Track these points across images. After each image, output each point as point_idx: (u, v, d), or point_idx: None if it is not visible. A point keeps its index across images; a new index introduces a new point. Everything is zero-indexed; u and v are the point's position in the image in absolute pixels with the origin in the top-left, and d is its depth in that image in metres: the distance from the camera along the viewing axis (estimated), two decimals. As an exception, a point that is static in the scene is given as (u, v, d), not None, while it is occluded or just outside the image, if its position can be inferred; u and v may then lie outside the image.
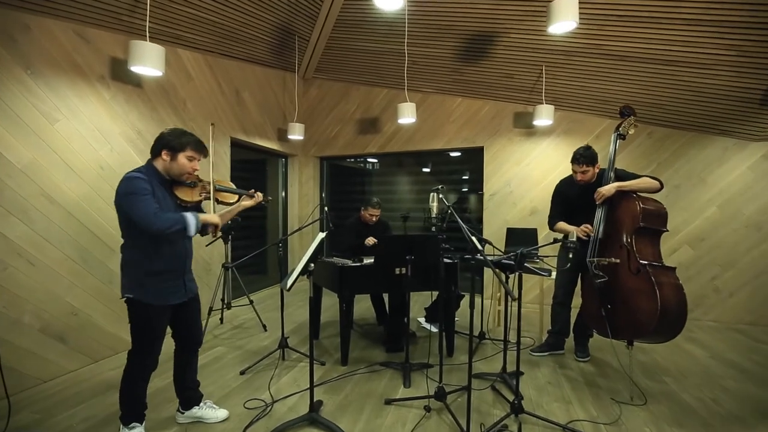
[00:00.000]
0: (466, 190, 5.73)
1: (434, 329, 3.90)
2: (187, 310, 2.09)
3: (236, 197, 2.20)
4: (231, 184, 2.25)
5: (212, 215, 2.01)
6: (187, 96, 4.00)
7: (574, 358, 3.20)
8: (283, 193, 6.20)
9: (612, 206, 2.77)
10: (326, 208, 3.26)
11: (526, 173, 4.97)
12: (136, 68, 2.88)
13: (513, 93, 4.87)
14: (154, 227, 1.76)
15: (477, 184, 5.49)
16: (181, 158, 1.92)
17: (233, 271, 4.06)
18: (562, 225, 3.07)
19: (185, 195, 1.98)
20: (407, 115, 4.29)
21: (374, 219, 3.83)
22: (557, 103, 4.63)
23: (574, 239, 2.38)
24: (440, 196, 2.46)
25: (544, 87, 4.45)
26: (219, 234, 2.15)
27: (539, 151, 4.92)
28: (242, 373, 2.91)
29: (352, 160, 6.47)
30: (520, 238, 3.91)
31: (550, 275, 2.97)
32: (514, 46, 4.20)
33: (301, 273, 2.04)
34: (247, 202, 2.21)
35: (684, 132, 4.39)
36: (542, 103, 4.44)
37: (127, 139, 3.35)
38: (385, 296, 3.98)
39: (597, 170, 2.96)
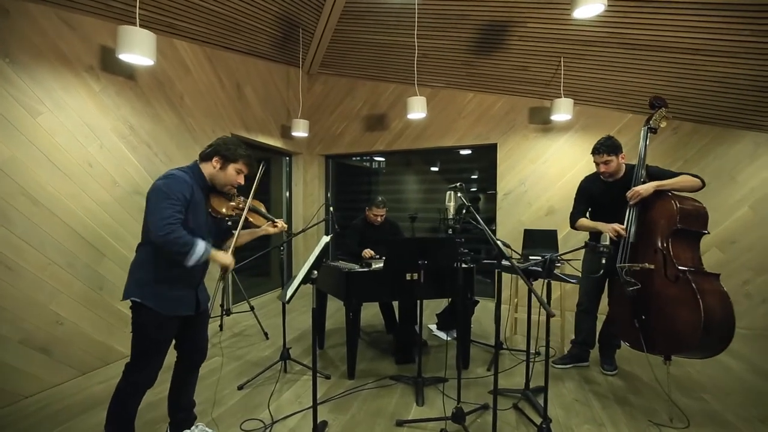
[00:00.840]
0: (474, 189, 5.48)
1: (447, 337, 3.66)
2: (196, 322, 1.94)
3: (263, 222, 2.08)
4: (263, 205, 2.13)
5: (226, 256, 1.80)
6: (184, 90, 3.79)
7: (600, 371, 2.94)
8: (287, 193, 5.98)
9: (644, 206, 2.51)
10: (331, 209, 3.03)
11: (542, 171, 4.70)
12: (124, 56, 2.66)
13: (529, 87, 4.61)
14: (159, 231, 1.61)
15: (487, 183, 5.24)
16: (231, 169, 1.85)
17: (233, 275, 3.84)
18: (584, 221, 2.82)
19: (219, 205, 1.88)
20: (417, 110, 4.05)
21: (379, 219, 3.60)
22: (576, 97, 4.37)
23: (607, 243, 2.13)
24: (459, 194, 2.21)
25: (562, 80, 4.19)
26: (224, 278, 2.00)
27: (556, 148, 4.65)
28: (240, 387, 2.68)
29: (358, 158, 6.24)
30: (539, 240, 3.66)
31: (578, 282, 2.72)
32: (531, 37, 3.94)
33: (303, 282, 1.81)
34: (270, 229, 2.10)
35: (712, 127, 4.10)
36: (560, 97, 4.18)
37: (118, 135, 3.13)
38: (395, 303, 3.74)
39: (622, 161, 2.71)
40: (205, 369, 2.98)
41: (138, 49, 2.61)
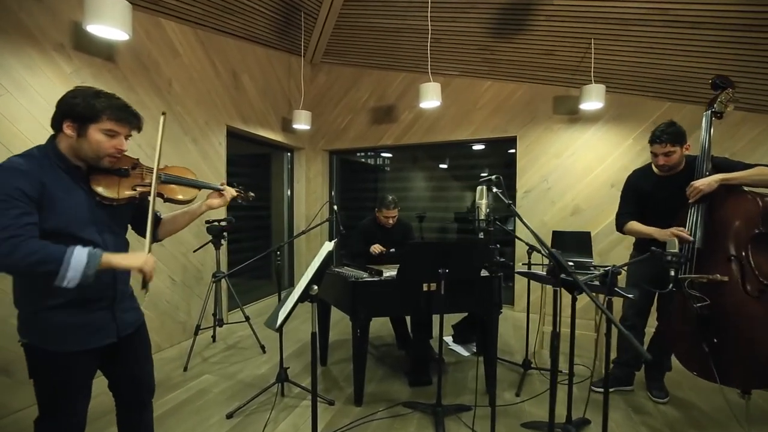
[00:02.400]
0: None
1: (465, 352, 3.25)
2: (126, 350, 1.43)
3: (195, 193, 1.54)
4: (190, 172, 1.57)
5: (130, 256, 1.28)
6: (173, 75, 3.41)
7: (648, 397, 2.53)
8: (289, 192, 5.60)
9: (712, 205, 2.09)
10: (335, 208, 2.64)
11: (568, 167, 4.28)
12: (93, 27, 2.29)
13: (553, 73, 4.19)
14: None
15: (505, 179, 4.84)
16: (95, 133, 1.24)
17: (225, 280, 3.46)
18: (636, 226, 2.39)
19: (108, 189, 1.31)
20: (431, 98, 3.64)
21: (391, 221, 3.20)
22: (606, 83, 3.93)
23: (676, 250, 1.72)
24: (496, 190, 1.81)
25: (593, 64, 3.76)
26: (147, 287, 1.35)
27: (583, 141, 4.22)
28: (229, 416, 2.29)
29: (362, 154, 5.83)
30: (570, 244, 3.24)
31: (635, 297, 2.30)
32: (558, 16, 3.52)
33: (300, 301, 1.41)
34: (214, 201, 1.60)
35: (764, 116, 3.66)
36: (590, 83, 3.75)
37: (94, 124, 2.75)
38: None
39: (686, 152, 2.29)
40: (193, 390, 2.62)
41: (110, 20, 2.23)
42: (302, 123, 4.55)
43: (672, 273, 1.73)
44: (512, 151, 4.79)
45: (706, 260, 2.04)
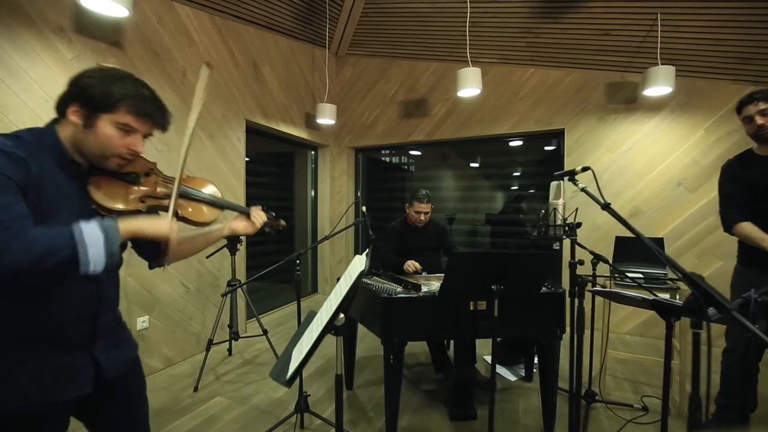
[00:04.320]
0: (516, 187, 4.63)
1: (512, 376, 2.82)
2: (113, 397, 1.09)
3: (217, 215, 1.21)
4: (211, 186, 1.24)
5: (155, 222, 0.98)
6: (187, 65, 3.13)
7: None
8: (313, 192, 5.29)
9: None
10: (364, 209, 2.28)
11: (625, 162, 3.77)
12: (88, 2, 2.00)
13: (609, 56, 3.69)
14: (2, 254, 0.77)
15: (537, 178, 4.39)
16: (105, 125, 0.95)
17: (241, 290, 3.15)
18: (751, 230, 1.89)
19: (109, 197, 1.00)
20: (470, 85, 3.23)
21: (423, 218, 2.81)
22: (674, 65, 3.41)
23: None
24: (581, 186, 1.41)
25: (659, 43, 3.25)
26: (165, 264, 1.11)
27: (644, 133, 3.70)
28: (240, 454, 1.96)
29: (386, 152, 5.45)
30: (636, 252, 2.76)
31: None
32: (618, -11, 3.06)
33: (321, 337, 1.04)
34: (240, 226, 1.28)
35: None
36: (656, 64, 3.24)
37: (99, 116, 2.50)
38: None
39: None
40: (202, 417, 2.31)
41: (105, -8, 1.94)
42: (327, 117, 4.21)
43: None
44: (549, 148, 4.34)
45: None
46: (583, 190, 1.41)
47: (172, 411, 2.37)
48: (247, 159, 3.82)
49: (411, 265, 2.69)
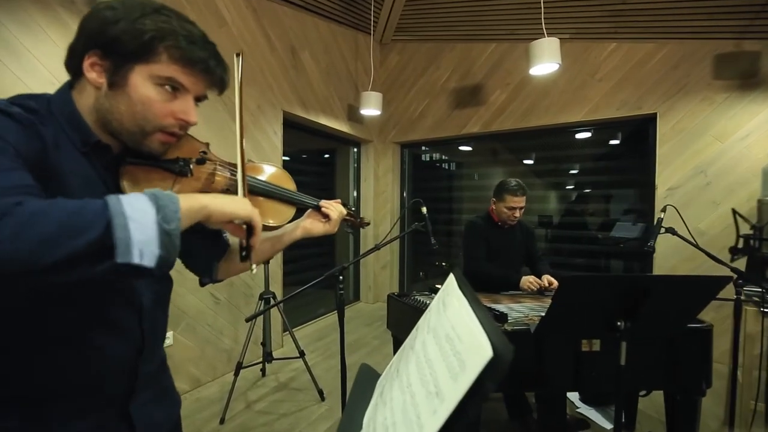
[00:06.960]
0: (572, 186, 3.98)
1: (606, 423, 2.22)
2: None
3: (290, 214, 0.91)
4: (286, 177, 0.94)
5: (233, 200, 0.61)
6: (218, 47, 2.78)
7: None
8: (355, 192, 4.87)
9: None
10: (424, 210, 1.79)
11: (738, 153, 3.04)
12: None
13: (717, 22, 2.98)
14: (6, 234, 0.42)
15: (604, 175, 3.76)
16: (141, 82, 0.62)
17: (279, 308, 2.75)
18: None
19: (152, 188, 0.57)
20: (547, 59, 2.66)
21: (517, 215, 2.27)
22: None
23: None
24: None
25: (798, -4, 2.54)
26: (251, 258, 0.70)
27: (765, 115, 2.97)
28: None
29: (426, 148, 4.93)
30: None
31: None
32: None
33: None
34: (316, 226, 0.98)
35: None
36: (794, 26, 2.53)
37: (115, 103, 2.18)
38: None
39: None
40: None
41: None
42: (372, 107, 3.77)
43: None
44: (614, 142, 3.73)
45: None
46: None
47: (192, 450, 1.99)
48: (285, 158, 3.45)
49: (530, 281, 2.12)
